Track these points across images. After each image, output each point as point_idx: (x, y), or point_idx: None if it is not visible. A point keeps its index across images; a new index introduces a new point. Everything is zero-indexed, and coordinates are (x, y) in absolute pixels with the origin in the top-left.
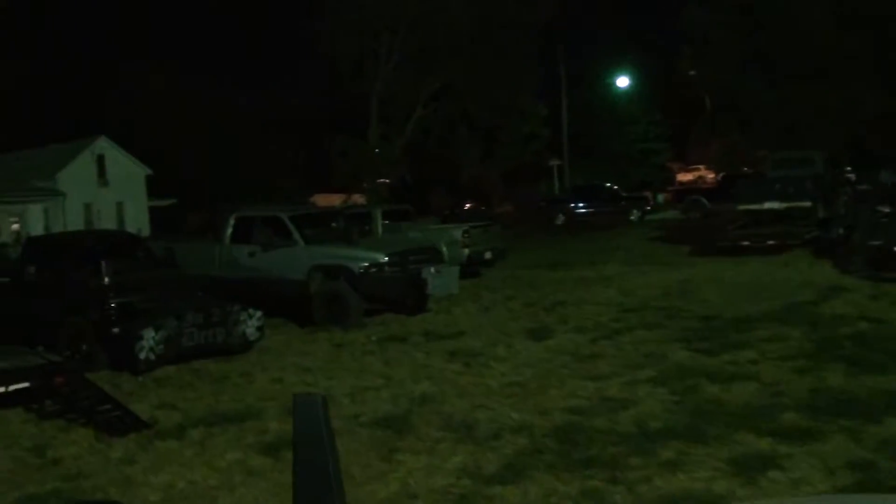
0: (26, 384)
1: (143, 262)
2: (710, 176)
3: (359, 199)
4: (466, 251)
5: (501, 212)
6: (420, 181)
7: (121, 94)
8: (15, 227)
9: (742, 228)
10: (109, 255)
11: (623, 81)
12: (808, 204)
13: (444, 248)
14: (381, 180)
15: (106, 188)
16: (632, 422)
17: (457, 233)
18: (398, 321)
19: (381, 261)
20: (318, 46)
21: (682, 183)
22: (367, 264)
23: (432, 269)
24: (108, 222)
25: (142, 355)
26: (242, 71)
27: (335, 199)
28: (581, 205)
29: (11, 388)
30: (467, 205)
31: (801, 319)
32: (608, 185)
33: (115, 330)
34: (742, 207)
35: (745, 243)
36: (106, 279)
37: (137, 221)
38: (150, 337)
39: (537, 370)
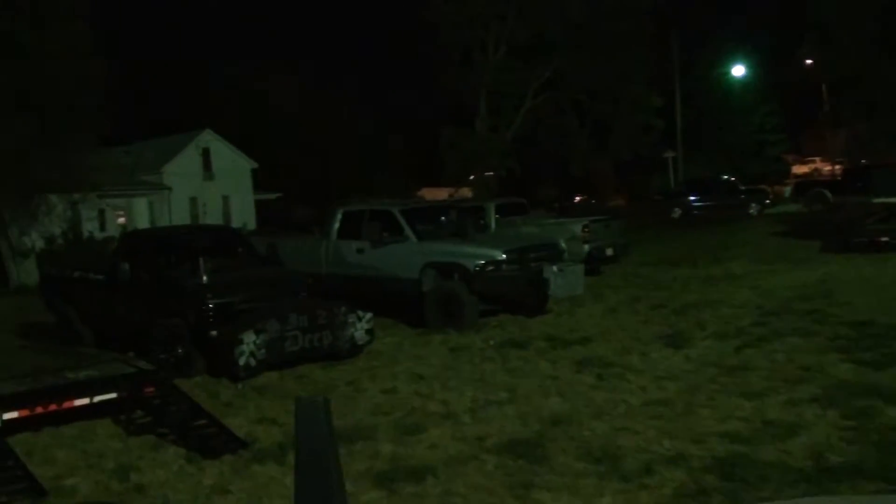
0: (114, 395)
1: (245, 260)
2: (827, 168)
3: (466, 192)
4: (587, 247)
5: (614, 205)
6: (528, 173)
7: (225, 88)
8: (121, 220)
9: (880, 223)
10: (208, 251)
11: (738, 70)
12: None
13: (563, 244)
14: (488, 173)
15: (211, 182)
16: (806, 454)
17: (576, 227)
18: (516, 323)
19: (499, 258)
20: (426, 38)
21: (797, 175)
22: (483, 262)
23: (554, 268)
24: (213, 216)
25: (241, 361)
26: (347, 64)
27: (441, 193)
28: (698, 198)
29: (97, 398)
30: (577, 198)
31: None
32: (725, 177)
33: (213, 333)
34: (879, 200)
35: (884, 239)
36: (204, 277)
37: (243, 215)
38: (250, 341)
39: (681, 384)
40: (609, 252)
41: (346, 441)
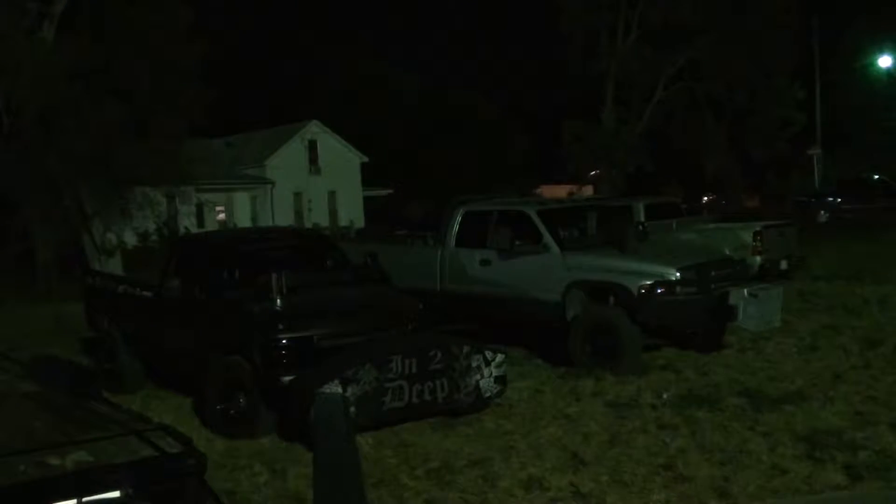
0: (115, 494)
1: (334, 276)
2: None
3: (588, 191)
4: (759, 259)
5: (750, 207)
6: (657, 170)
7: (332, 78)
8: (220, 217)
9: None
10: (283, 263)
11: (885, 61)
12: None
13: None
14: (612, 170)
15: (318, 176)
16: None
17: (746, 234)
18: (689, 363)
19: (672, 277)
20: (548, 24)
21: None
22: (651, 282)
23: (745, 292)
24: (319, 212)
25: None
26: (465, 54)
27: (561, 192)
28: (849, 200)
29: (88, 499)
30: (704, 198)
31: None
32: (877, 176)
33: (286, 379)
34: None
35: None
36: (277, 301)
37: (351, 212)
38: None
39: None
40: (784, 265)
41: None
